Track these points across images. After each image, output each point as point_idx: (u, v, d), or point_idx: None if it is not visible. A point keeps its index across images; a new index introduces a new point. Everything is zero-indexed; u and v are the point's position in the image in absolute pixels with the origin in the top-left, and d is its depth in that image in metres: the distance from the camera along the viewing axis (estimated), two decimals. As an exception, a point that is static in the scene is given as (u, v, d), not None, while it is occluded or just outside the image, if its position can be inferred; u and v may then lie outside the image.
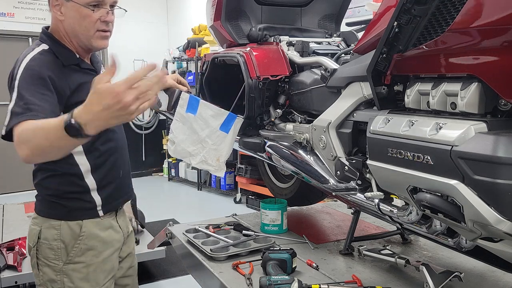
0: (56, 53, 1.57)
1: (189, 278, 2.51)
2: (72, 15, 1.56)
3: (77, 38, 1.60)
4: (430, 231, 1.56)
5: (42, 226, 1.61)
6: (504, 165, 1.09)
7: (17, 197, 6.25)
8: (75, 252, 1.60)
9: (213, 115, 2.35)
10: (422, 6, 1.32)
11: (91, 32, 1.58)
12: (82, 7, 1.54)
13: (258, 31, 2.57)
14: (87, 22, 1.57)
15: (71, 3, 1.54)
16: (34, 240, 1.62)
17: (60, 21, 1.58)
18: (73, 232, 1.60)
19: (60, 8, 1.56)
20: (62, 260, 1.60)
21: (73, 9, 1.55)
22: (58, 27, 1.61)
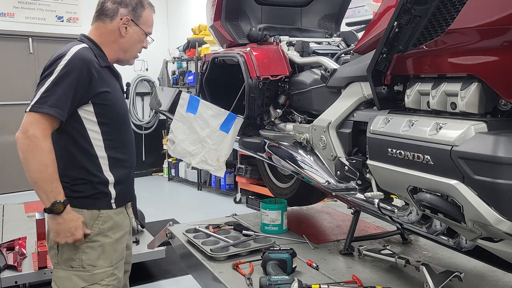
0: (95, 54, 1.75)
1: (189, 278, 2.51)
2: (133, 37, 1.85)
3: (123, 53, 1.86)
4: (430, 231, 1.56)
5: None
6: (504, 165, 1.09)
7: (17, 197, 6.24)
8: (94, 231, 1.73)
9: (213, 115, 2.35)
10: (422, 6, 1.32)
11: (136, 53, 1.92)
12: (143, 34, 1.88)
13: (258, 31, 2.57)
14: (139, 45, 1.90)
15: (139, 28, 1.85)
16: None
17: (120, 36, 1.82)
18: (92, 214, 1.74)
19: (127, 27, 1.82)
20: None
21: (137, 32, 1.85)
22: (107, 37, 1.81)
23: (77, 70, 1.64)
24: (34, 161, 1.59)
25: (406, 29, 1.38)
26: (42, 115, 1.59)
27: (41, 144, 1.59)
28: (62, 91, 1.61)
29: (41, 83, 1.64)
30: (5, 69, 6.89)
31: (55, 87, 1.61)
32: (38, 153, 1.59)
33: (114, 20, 1.81)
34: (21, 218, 4.14)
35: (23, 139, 1.58)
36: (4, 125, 6.94)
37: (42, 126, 1.60)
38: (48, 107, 1.59)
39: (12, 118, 7.03)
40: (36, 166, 1.60)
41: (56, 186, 1.63)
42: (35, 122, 1.59)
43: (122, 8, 1.81)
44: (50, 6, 7.23)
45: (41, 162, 1.60)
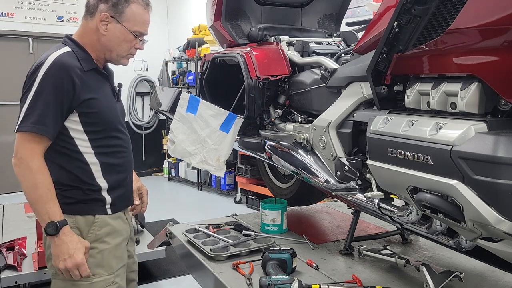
0: (78, 57, 1.65)
1: (189, 278, 2.51)
2: (115, 35, 1.69)
3: (108, 52, 1.72)
4: (430, 231, 1.56)
5: None
6: (504, 165, 1.09)
7: (17, 197, 6.24)
8: (89, 238, 1.66)
9: (213, 115, 2.35)
10: (422, 6, 1.32)
11: (125, 53, 1.75)
12: (129, 32, 1.70)
13: (258, 31, 2.57)
14: (126, 45, 1.72)
15: (121, 26, 1.68)
16: None
17: (100, 34, 1.68)
18: (87, 220, 1.67)
19: (106, 25, 1.67)
20: None
21: (119, 30, 1.68)
22: (89, 36, 1.70)
23: (57, 80, 1.56)
24: (25, 183, 1.57)
25: (406, 29, 1.38)
26: (28, 134, 1.56)
27: (28, 164, 1.55)
28: (44, 106, 1.55)
29: (23, 99, 1.58)
30: (5, 69, 6.89)
31: (36, 103, 1.55)
32: (26, 174, 1.56)
33: (94, 17, 1.68)
34: (21, 218, 4.14)
35: (14, 163, 1.59)
36: (4, 125, 6.94)
37: (28, 146, 1.57)
38: (31, 124, 1.54)
39: (12, 118, 7.01)
40: (26, 188, 1.57)
41: (50, 206, 1.57)
42: (22, 142, 1.57)
43: (102, 4, 1.67)
44: (50, 6, 7.23)
45: (30, 183, 1.56)
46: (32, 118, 1.54)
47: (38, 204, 1.57)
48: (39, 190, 1.56)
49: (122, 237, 1.77)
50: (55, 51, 1.62)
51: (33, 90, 1.55)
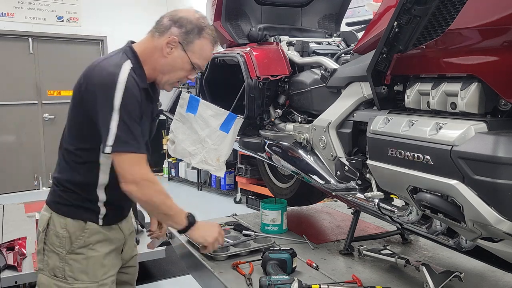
0: (136, 74, 1.59)
1: (189, 278, 2.51)
2: (176, 61, 1.66)
3: (161, 75, 1.68)
4: (430, 231, 1.56)
5: (52, 213, 1.67)
6: (504, 165, 1.09)
7: (17, 197, 6.24)
8: (78, 243, 1.64)
9: (213, 115, 2.35)
10: (422, 6, 1.32)
11: (175, 80, 1.72)
12: (189, 63, 1.67)
13: (258, 31, 2.57)
14: (180, 73, 1.70)
15: (184, 54, 1.65)
16: (43, 225, 1.68)
17: (161, 55, 1.65)
18: (79, 224, 1.65)
19: (172, 48, 1.64)
20: (65, 249, 1.64)
21: (181, 58, 1.65)
22: (151, 54, 1.66)
23: (135, 99, 1.54)
24: (156, 199, 1.60)
25: (406, 29, 1.38)
26: (135, 155, 1.53)
27: (154, 182, 1.58)
28: (132, 125, 1.52)
29: (104, 116, 1.50)
30: (5, 69, 6.89)
31: (126, 122, 1.50)
32: (157, 192, 1.59)
33: (162, 36, 1.64)
34: (21, 218, 4.14)
35: (136, 188, 1.54)
36: (4, 125, 6.94)
37: (144, 167, 1.55)
38: (135, 144, 1.53)
39: (12, 118, 7.04)
40: (159, 202, 1.61)
41: (177, 208, 1.67)
42: (135, 164, 1.53)
43: (175, 28, 1.64)
44: (50, 6, 7.23)
45: (160, 201, 1.61)
46: (127, 137, 1.51)
47: (168, 216, 1.67)
48: (167, 204, 1.63)
49: (114, 246, 1.74)
50: (123, 63, 1.57)
51: (115, 108, 1.49)
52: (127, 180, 1.53)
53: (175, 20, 1.65)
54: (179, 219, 1.67)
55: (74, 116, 1.63)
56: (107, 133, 1.49)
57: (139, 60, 1.64)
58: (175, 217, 1.67)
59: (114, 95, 1.50)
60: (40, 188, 7.25)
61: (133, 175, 1.53)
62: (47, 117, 7.29)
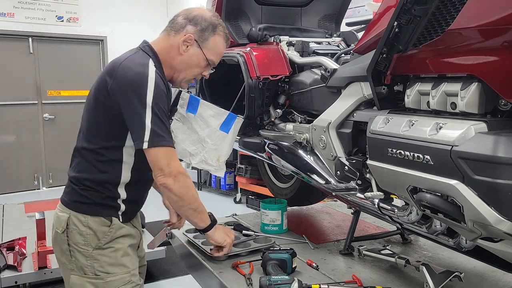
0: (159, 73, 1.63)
1: (189, 278, 2.51)
2: (192, 58, 1.71)
3: (178, 73, 1.74)
4: (430, 231, 1.56)
5: (71, 213, 1.65)
6: (504, 165, 1.09)
7: (17, 197, 6.24)
8: (106, 239, 1.66)
9: (213, 115, 2.35)
10: (422, 6, 1.32)
11: (191, 77, 1.77)
12: (205, 59, 1.73)
13: (258, 31, 2.57)
14: (196, 70, 1.75)
15: (200, 51, 1.71)
16: (62, 226, 1.66)
17: (178, 53, 1.69)
18: (101, 221, 1.66)
19: (188, 46, 1.69)
20: (91, 246, 1.64)
21: (197, 55, 1.71)
22: (168, 52, 1.70)
23: (164, 95, 1.58)
24: (189, 195, 1.67)
25: (406, 29, 1.38)
26: (170, 149, 1.58)
27: (187, 180, 1.64)
28: (165, 121, 1.58)
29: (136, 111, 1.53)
30: (5, 69, 6.89)
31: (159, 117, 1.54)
32: (190, 187, 1.67)
33: (178, 35, 1.69)
34: (21, 218, 4.14)
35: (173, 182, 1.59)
36: (4, 125, 6.94)
37: (177, 161, 1.61)
38: (169, 139, 1.58)
39: (12, 118, 7.04)
40: (189, 200, 1.68)
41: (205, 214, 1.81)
42: (171, 157, 1.58)
43: (190, 26, 1.69)
44: (50, 6, 7.23)
45: (192, 195, 1.69)
46: (162, 132, 1.55)
47: (197, 212, 1.75)
48: (198, 200, 1.72)
49: (136, 240, 1.79)
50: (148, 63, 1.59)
51: (147, 103, 1.52)
52: (165, 173, 1.56)
53: (190, 19, 1.70)
54: (205, 217, 1.78)
55: (96, 115, 1.63)
56: (143, 129, 1.52)
57: (159, 59, 1.68)
58: (202, 214, 1.77)
59: (146, 93, 1.53)
60: (40, 188, 7.25)
61: (171, 168, 1.56)
62: (47, 117, 7.28)
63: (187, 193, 1.65)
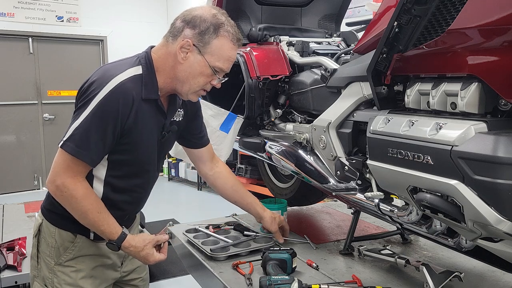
0: (143, 83, 1.48)
1: (189, 278, 2.51)
2: (194, 66, 1.50)
3: (180, 84, 1.54)
4: (430, 231, 1.56)
5: (43, 220, 1.60)
6: (504, 165, 1.09)
7: (17, 197, 6.25)
8: (67, 256, 1.56)
9: (213, 115, 2.35)
10: (422, 6, 1.32)
11: (197, 88, 1.55)
12: (208, 67, 1.51)
13: (258, 31, 2.57)
14: (202, 80, 1.54)
15: (201, 57, 1.50)
16: (35, 230, 1.62)
17: (177, 61, 1.51)
18: (68, 236, 1.56)
19: (187, 53, 1.49)
20: (54, 260, 1.57)
21: (198, 62, 1.50)
22: (165, 61, 1.52)
23: (114, 108, 1.41)
24: (73, 211, 1.48)
25: (406, 29, 1.38)
26: (70, 156, 1.42)
27: (71, 193, 1.44)
28: (95, 131, 1.41)
29: (77, 113, 1.42)
30: (5, 69, 6.89)
31: (88, 125, 1.41)
32: (72, 203, 1.46)
33: (176, 41, 1.49)
34: (21, 218, 4.13)
35: (55, 188, 1.45)
36: (4, 125, 6.94)
37: (70, 172, 1.43)
38: (76, 147, 1.41)
39: (12, 118, 7.04)
40: (75, 215, 1.48)
41: (104, 228, 1.49)
42: (63, 166, 1.43)
43: (188, 29, 1.48)
44: (50, 6, 7.23)
45: (78, 211, 1.47)
46: (79, 140, 1.40)
47: (93, 227, 1.51)
48: (90, 216, 1.47)
49: (109, 260, 1.65)
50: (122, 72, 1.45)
51: (88, 109, 1.40)
52: (53, 178, 1.44)
53: (188, 21, 1.49)
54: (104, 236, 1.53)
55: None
56: (69, 127, 1.43)
57: (152, 68, 1.51)
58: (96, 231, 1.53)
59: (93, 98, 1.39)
60: (40, 188, 7.25)
61: (58, 176, 1.43)
62: (47, 117, 7.29)
63: (70, 210, 1.48)
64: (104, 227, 1.50)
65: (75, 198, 1.45)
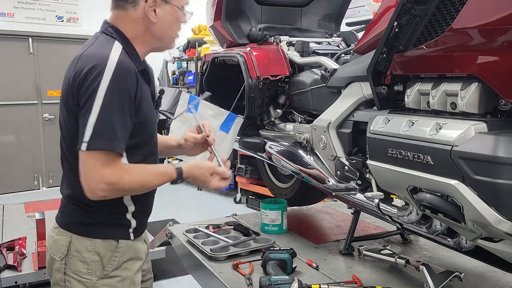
0: (130, 56, 1.41)
1: (189, 278, 2.51)
2: (167, 18, 1.47)
3: (159, 41, 1.51)
4: (430, 231, 1.56)
5: (73, 236, 1.45)
6: (504, 165, 1.09)
7: (17, 197, 6.24)
8: (112, 265, 1.45)
9: (213, 115, 2.34)
10: (422, 6, 1.32)
11: (176, 34, 1.54)
12: (179, 10, 1.49)
13: (258, 31, 2.57)
14: (177, 25, 1.52)
15: (170, 6, 1.46)
16: (62, 252, 1.44)
17: (149, 23, 1.45)
18: (110, 245, 1.46)
19: (155, 10, 1.44)
20: (96, 275, 1.43)
21: (169, 12, 1.47)
22: (135, 29, 1.46)
23: (125, 88, 1.34)
24: (133, 193, 1.44)
25: (406, 29, 1.38)
26: (104, 153, 1.31)
27: (120, 184, 1.35)
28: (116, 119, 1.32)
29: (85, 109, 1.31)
30: (5, 69, 6.89)
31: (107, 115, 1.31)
32: (127, 190, 1.40)
33: (138, 5, 1.43)
34: (21, 218, 4.14)
35: (103, 194, 1.33)
36: (4, 125, 6.94)
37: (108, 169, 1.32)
38: (107, 141, 1.31)
39: (12, 118, 7.04)
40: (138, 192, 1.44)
41: (163, 178, 1.45)
42: (99, 167, 1.31)
43: None
44: (50, 6, 7.23)
45: (137, 189, 1.42)
46: (106, 133, 1.31)
47: (156, 186, 1.48)
48: (147, 184, 1.43)
49: (142, 261, 1.57)
50: (111, 50, 1.37)
51: (98, 98, 1.30)
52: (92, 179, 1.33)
53: None
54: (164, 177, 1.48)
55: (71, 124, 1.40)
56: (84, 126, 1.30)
57: (128, 40, 1.45)
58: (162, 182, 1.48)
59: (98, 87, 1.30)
60: (40, 188, 7.25)
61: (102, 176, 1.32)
62: (47, 117, 7.28)
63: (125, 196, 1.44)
64: (162, 178, 1.47)
65: (126, 185, 1.37)
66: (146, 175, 1.44)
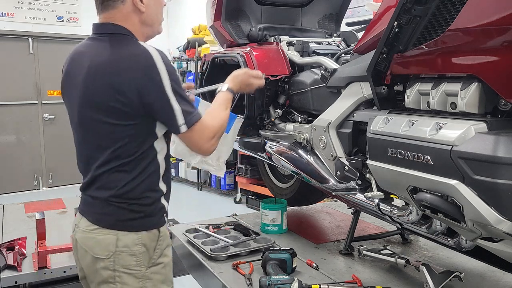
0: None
1: (189, 278, 2.51)
2: (152, 5, 1.54)
3: (150, 28, 1.58)
4: (430, 231, 1.56)
5: (118, 233, 1.48)
6: (504, 165, 1.09)
7: (17, 197, 6.24)
8: (157, 253, 1.53)
9: (213, 115, 2.34)
10: (422, 6, 1.32)
11: (162, 17, 1.63)
12: None
13: (258, 31, 2.57)
14: (161, 8, 1.61)
15: None
16: (110, 250, 1.46)
17: (139, 14, 1.52)
18: (153, 235, 1.52)
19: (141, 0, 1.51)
20: (144, 265, 1.49)
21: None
22: (132, 22, 1.52)
23: (173, 68, 1.48)
24: (223, 128, 1.61)
25: (406, 29, 1.38)
26: (200, 120, 1.49)
27: (218, 130, 1.57)
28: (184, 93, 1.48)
29: (163, 101, 1.42)
30: (5, 69, 6.89)
31: (181, 94, 1.46)
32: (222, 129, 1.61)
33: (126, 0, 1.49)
34: (21, 218, 4.13)
35: (215, 145, 1.56)
36: (4, 125, 6.94)
37: (207, 131, 1.52)
38: (197, 114, 1.49)
39: (12, 118, 7.04)
40: (224, 125, 1.63)
41: (223, 102, 1.69)
42: (202, 133, 1.50)
43: None
44: (50, 6, 7.23)
45: (224, 121, 1.63)
46: (189, 110, 1.47)
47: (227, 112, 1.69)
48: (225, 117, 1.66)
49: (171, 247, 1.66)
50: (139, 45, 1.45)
51: (167, 87, 1.42)
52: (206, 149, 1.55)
53: None
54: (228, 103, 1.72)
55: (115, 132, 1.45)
56: (172, 113, 1.43)
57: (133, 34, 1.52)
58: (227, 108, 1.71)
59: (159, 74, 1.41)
60: (40, 188, 7.25)
61: (210, 137, 1.53)
62: (47, 117, 7.28)
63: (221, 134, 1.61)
64: (227, 104, 1.71)
65: (220, 128, 1.59)
66: (219, 111, 1.66)
